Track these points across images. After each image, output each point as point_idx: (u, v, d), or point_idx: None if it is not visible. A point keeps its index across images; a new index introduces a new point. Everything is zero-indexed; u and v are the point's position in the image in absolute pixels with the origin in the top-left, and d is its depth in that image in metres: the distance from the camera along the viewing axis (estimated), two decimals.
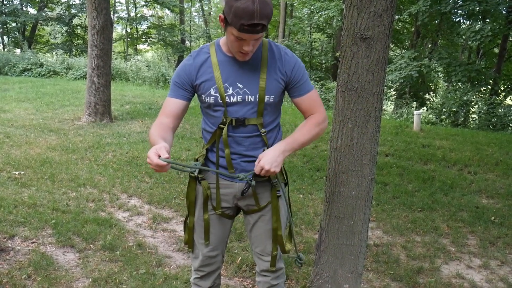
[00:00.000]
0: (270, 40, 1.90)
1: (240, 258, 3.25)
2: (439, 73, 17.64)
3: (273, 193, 1.95)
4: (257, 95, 1.82)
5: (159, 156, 1.58)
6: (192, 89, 1.88)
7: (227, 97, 1.81)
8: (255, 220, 2.02)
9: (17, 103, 9.74)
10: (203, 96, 1.85)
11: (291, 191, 4.85)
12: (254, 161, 1.89)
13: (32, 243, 3.38)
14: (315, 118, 1.90)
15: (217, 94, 1.82)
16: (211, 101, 1.84)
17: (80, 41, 25.46)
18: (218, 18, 1.73)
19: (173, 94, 1.88)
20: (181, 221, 3.98)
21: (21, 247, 3.30)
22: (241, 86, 1.82)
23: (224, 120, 1.85)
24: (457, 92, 14.01)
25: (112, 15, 16.25)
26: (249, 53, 1.74)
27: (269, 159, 1.75)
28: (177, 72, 1.88)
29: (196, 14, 34.38)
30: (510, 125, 12.36)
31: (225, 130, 1.85)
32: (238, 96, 1.82)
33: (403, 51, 17.28)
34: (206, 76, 1.82)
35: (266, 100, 1.83)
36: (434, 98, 17.19)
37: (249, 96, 1.82)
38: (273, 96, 1.85)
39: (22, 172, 5.01)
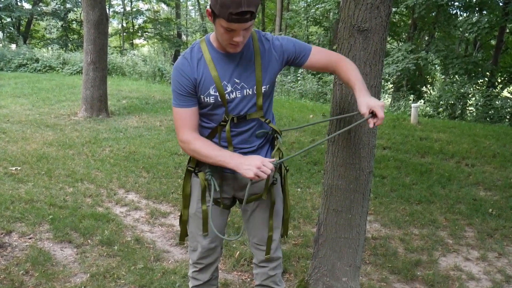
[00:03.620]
0: (259, 30, 1.88)
1: (238, 252, 3.25)
2: (436, 65, 17.63)
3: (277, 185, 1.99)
4: (255, 87, 1.81)
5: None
6: (196, 92, 1.82)
7: (226, 95, 1.79)
8: (252, 209, 2.02)
9: (13, 98, 9.69)
10: (202, 96, 1.80)
11: (289, 185, 4.84)
12: (255, 149, 1.91)
13: (30, 238, 3.37)
14: (343, 60, 1.91)
15: (217, 93, 1.79)
16: (211, 101, 1.80)
17: (75, 36, 25.31)
18: (205, 12, 1.70)
19: (183, 104, 1.81)
20: (179, 215, 3.97)
21: (19, 243, 3.29)
22: (238, 81, 1.80)
23: (226, 118, 1.83)
24: (454, 84, 14.02)
25: (107, 10, 16.16)
26: (240, 44, 1.71)
27: (381, 107, 1.72)
28: (177, 78, 1.79)
29: (192, 8, 34.18)
30: (507, 117, 12.37)
31: (227, 127, 1.84)
32: (237, 92, 1.80)
33: (400, 44, 17.25)
34: (204, 76, 1.78)
35: (263, 92, 1.83)
36: (431, 91, 17.22)
37: (247, 90, 1.81)
38: (268, 85, 1.85)
39: (19, 168, 4.99)
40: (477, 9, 13.99)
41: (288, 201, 2.06)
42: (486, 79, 14.79)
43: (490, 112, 12.53)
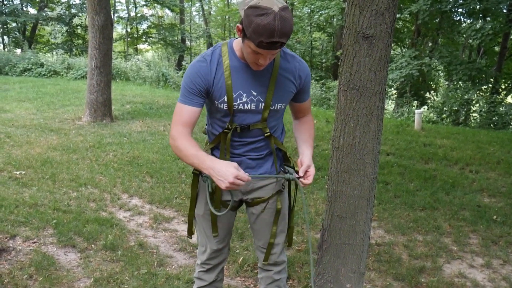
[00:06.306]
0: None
1: (241, 258, 3.24)
2: (440, 71, 17.61)
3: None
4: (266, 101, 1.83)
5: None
6: (207, 95, 1.81)
7: (241, 105, 1.80)
8: (259, 211, 2.03)
9: (18, 103, 9.74)
10: (216, 102, 1.80)
11: (292, 190, 4.83)
12: (258, 158, 1.94)
13: (34, 243, 3.38)
14: (311, 121, 2.08)
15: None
16: (225, 108, 1.80)
17: (80, 41, 25.43)
18: (236, 27, 1.67)
19: (189, 101, 1.78)
20: (182, 220, 3.98)
21: (23, 247, 3.29)
22: (255, 93, 1.80)
23: (229, 126, 1.85)
24: (458, 90, 13.98)
25: (112, 15, 16.26)
26: (264, 65, 1.70)
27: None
28: (191, 76, 1.77)
29: (196, 13, 34.36)
30: (511, 123, 12.33)
31: (229, 136, 1.86)
32: (252, 104, 1.81)
33: (404, 50, 17.26)
34: (220, 82, 1.77)
35: (273, 107, 1.84)
36: (435, 97, 17.17)
37: (262, 104, 1.82)
38: (284, 104, 1.89)
39: (23, 172, 5.01)
40: (480, 15, 13.97)
41: (293, 212, 2.11)
42: (490, 85, 14.75)
43: (494, 118, 12.48)
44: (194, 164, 1.74)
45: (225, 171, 1.62)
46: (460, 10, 14.22)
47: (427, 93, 17.57)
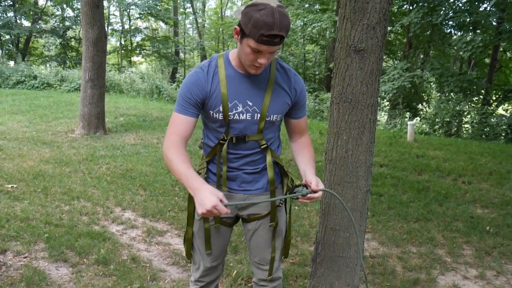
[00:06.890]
0: (278, 58, 1.89)
1: (235, 271, 3.22)
2: (432, 83, 17.78)
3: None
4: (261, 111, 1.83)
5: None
6: (202, 105, 1.81)
7: (236, 114, 1.80)
8: (255, 228, 2.02)
9: (10, 115, 9.69)
10: (211, 112, 1.81)
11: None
12: (254, 172, 1.92)
13: (25, 257, 3.33)
14: (309, 142, 2.04)
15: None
16: (220, 118, 1.81)
17: (74, 54, 25.45)
18: (233, 30, 1.70)
19: (185, 111, 1.79)
20: (176, 234, 3.95)
21: (13, 262, 3.25)
22: (250, 103, 1.81)
23: (225, 137, 1.85)
24: (450, 102, 14.12)
25: (106, 28, 16.30)
26: (263, 66, 1.71)
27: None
28: (188, 86, 1.79)
29: (190, 26, 34.57)
30: (503, 134, 12.44)
31: (224, 147, 1.85)
32: (248, 114, 1.81)
33: (396, 62, 17.44)
34: (216, 92, 1.78)
35: (269, 118, 1.84)
36: (427, 109, 17.31)
37: (258, 114, 1.82)
38: (280, 115, 1.88)
39: (15, 185, 4.96)
40: (471, 28, 14.19)
41: (290, 224, 2.08)
42: (481, 96, 14.92)
43: (485, 129, 12.60)
44: (181, 180, 1.70)
45: (205, 197, 1.58)
46: (450, 22, 14.44)
47: (419, 104, 17.71)
